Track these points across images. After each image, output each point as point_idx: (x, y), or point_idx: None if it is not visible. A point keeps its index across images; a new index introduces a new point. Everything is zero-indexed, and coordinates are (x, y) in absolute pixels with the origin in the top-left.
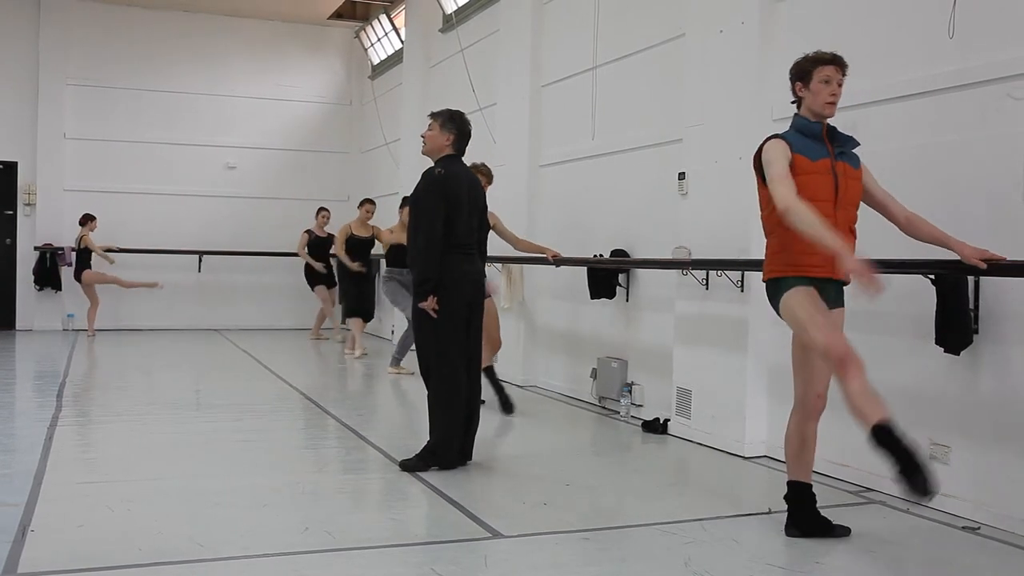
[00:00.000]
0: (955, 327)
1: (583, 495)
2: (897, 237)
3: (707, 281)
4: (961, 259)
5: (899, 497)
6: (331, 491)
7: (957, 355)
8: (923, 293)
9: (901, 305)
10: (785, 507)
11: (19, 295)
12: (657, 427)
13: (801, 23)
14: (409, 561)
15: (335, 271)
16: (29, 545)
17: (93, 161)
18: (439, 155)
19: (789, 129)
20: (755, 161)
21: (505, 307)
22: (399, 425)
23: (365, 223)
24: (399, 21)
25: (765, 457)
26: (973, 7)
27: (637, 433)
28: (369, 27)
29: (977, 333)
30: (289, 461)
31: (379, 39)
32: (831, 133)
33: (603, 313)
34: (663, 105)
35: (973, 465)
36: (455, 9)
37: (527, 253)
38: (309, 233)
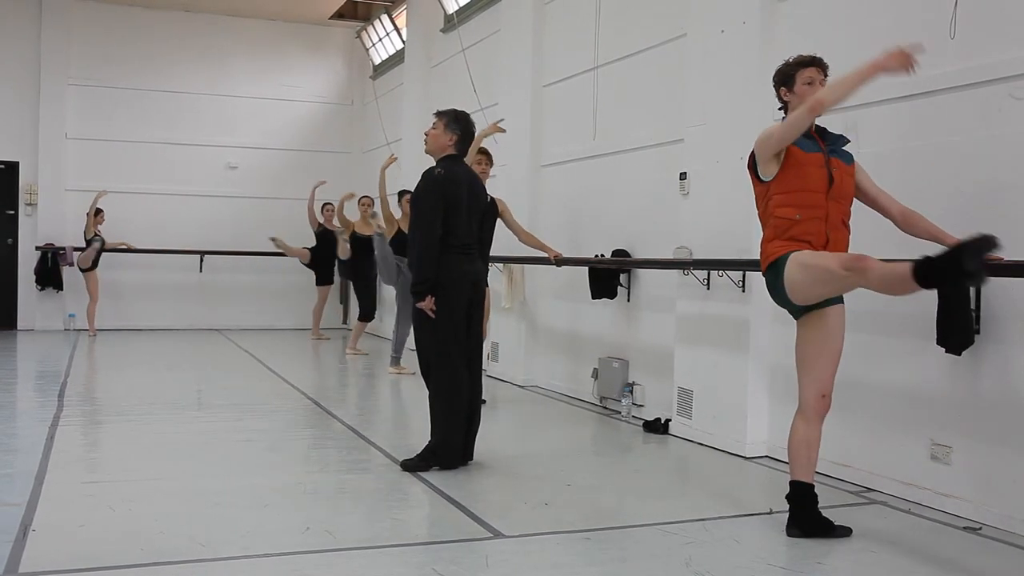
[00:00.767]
0: (956, 327)
1: (584, 495)
2: (894, 236)
3: (708, 281)
4: None
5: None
6: (332, 491)
7: (959, 355)
8: (924, 293)
9: (902, 305)
10: (786, 507)
11: (20, 295)
12: (658, 427)
13: (802, 23)
14: (410, 561)
15: (337, 270)
16: (30, 545)
17: (95, 161)
18: (441, 154)
19: None
20: (749, 161)
21: (506, 307)
22: (400, 425)
23: (367, 221)
24: (400, 21)
25: (766, 457)
26: (974, 7)
27: (638, 433)
28: (370, 27)
29: (979, 333)
30: (290, 461)
31: (380, 39)
32: (821, 132)
33: (604, 313)
34: (664, 105)
35: (974, 465)
36: (456, 9)
37: (530, 246)
38: (320, 226)
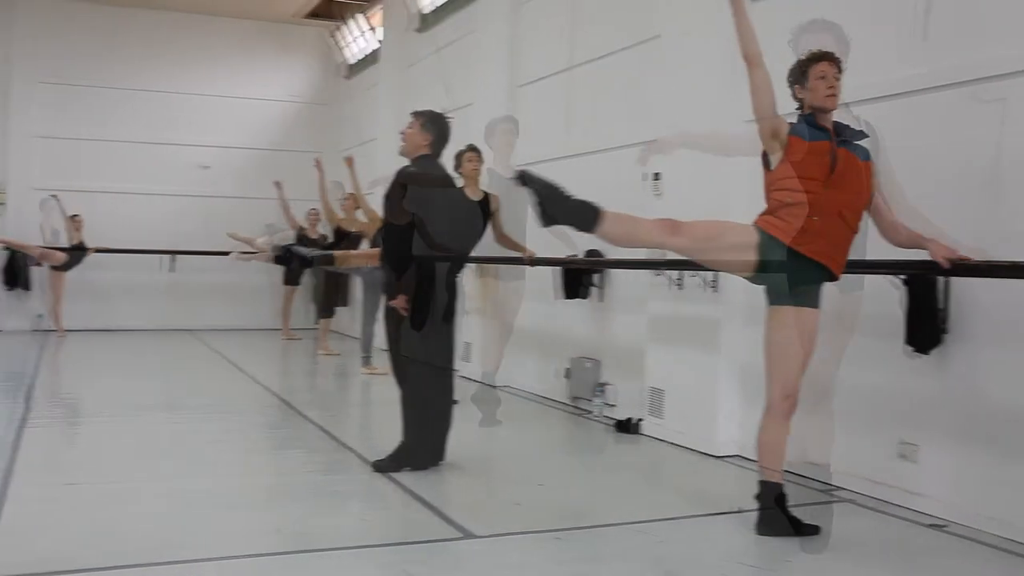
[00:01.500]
0: (925, 326)
1: (556, 495)
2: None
3: (680, 281)
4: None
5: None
6: (303, 492)
7: (927, 354)
8: (893, 292)
9: (871, 304)
10: (756, 506)
11: None
12: (630, 427)
13: (776, 25)
14: (381, 562)
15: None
16: None
17: (64, 160)
18: (416, 154)
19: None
20: (763, 157)
21: (479, 307)
22: (372, 426)
23: (352, 217)
24: (375, 21)
25: (737, 456)
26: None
27: (610, 433)
28: (345, 27)
29: (947, 332)
30: (261, 462)
31: (355, 39)
32: (837, 126)
33: (577, 313)
34: (639, 105)
35: (941, 463)
36: (432, 9)
37: (504, 247)
38: (301, 231)
